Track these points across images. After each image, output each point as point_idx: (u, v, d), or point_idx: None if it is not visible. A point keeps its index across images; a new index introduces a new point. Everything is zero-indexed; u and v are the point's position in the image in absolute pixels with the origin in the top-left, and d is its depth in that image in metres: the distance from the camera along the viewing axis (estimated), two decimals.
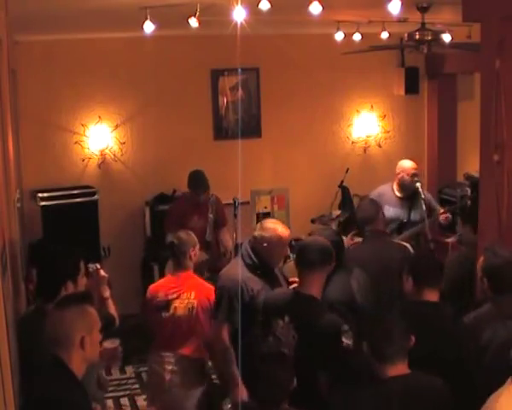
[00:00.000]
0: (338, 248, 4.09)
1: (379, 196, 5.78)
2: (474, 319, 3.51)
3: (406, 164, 6.00)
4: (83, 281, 3.65)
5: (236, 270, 4.06)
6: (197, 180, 6.40)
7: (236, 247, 5.76)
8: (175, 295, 4.59)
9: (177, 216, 6.40)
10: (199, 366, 4.65)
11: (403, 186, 5.91)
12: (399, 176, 5.93)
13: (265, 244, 4.12)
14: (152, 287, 4.83)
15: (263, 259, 4.17)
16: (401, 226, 5.82)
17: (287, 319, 3.64)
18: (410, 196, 5.89)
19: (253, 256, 4.15)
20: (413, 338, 2.98)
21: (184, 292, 4.54)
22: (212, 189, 6.66)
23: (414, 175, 5.88)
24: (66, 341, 2.76)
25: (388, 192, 5.94)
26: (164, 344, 4.63)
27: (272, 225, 4.22)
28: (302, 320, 3.57)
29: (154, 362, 4.73)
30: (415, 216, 5.84)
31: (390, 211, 5.76)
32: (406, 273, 3.61)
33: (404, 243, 4.94)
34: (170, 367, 4.59)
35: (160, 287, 4.74)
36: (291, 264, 4.75)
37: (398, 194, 5.95)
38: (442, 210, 6.10)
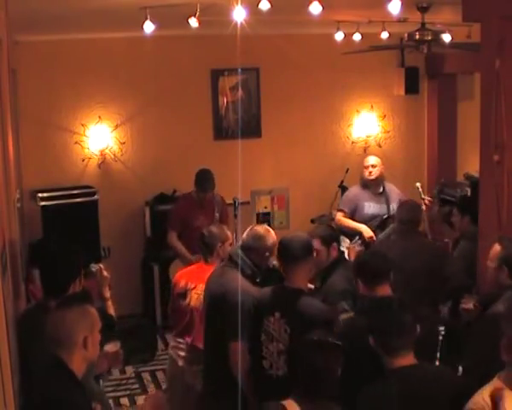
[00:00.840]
0: (333, 240, 4.34)
1: (354, 196, 6.02)
2: (505, 309, 3.46)
3: (365, 159, 6.51)
4: (82, 280, 3.67)
5: (246, 285, 3.96)
6: (205, 179, 6.34)
7: None
8: (193, 285, 4.61)
9: (181, 215, 6.37)
10: None
11: (363, 182, 6.32)
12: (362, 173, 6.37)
13: (267, 253, 4.08)
14: (178, 273, 4.90)
15: (259, 266, 4.12)
16: (384, 222, 5.94)
17: (277, 314, 3.70)
18: (383, 191, 6.27)
19: (253, 267, 4.07)
20: (419, 328, 3.01)
21: (201, 284, 4.50)
22: None
23: (372, 167, 6.30)
24: (67, 341, 2.76)
25: (358, 190, 6.35)
26: (180, 331, 4.71)
27: (265, 232, 4.14)
28: (293, 314, 3.64)
29: (171, 347, 4.85)
30: (381, 211, 6.18)
31: (371, 208, 6.10)
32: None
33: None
34: (183, 354, 4.67)
35: (184, 275, 4.78)
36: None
37: (363, 190, 6.31)
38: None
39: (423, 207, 6.07)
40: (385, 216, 6.03)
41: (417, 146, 8.62)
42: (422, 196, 6.03)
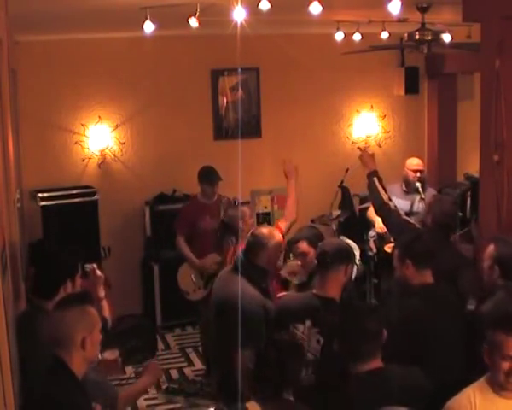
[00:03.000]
0: (320, 241, 4.22)
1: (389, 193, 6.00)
2: (493, 306, 3.49)
3: (410, 161, 6.48)
4: (79, 281, 3.64)
5: (254, 291, 3.88)
6: (209, 173, 6.35)
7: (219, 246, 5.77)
8: None
9: (188, 218, 6.36)
10: None
11: (406, 183, 6.39)
12: (404, 172, 6.41)
13: (273, 255, 4.02)
14: None
15: (266, 270, 4.03)
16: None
17: (308, 323, 3.59)
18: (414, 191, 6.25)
19: (259, 271, 3.98)
20: (385, 333, 3.00)
21: None
22: None
23: (417, 171, 6.32)
24: (67, 341, 2.76)
25: (397, 189, 6.33)
26: None
27: (268, 233, 4.07)
28: (326, 324, 3.52)
29: None
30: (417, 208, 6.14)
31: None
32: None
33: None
34: None
35: None
36: (291, 263, 4.72)
37: (404, 189, 6.40)
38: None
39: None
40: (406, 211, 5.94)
41: (417, 146, 8.61)
42: (422, 197, 6.02)
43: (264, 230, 4.12)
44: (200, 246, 6.17)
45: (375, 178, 4.79)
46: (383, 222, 5.04)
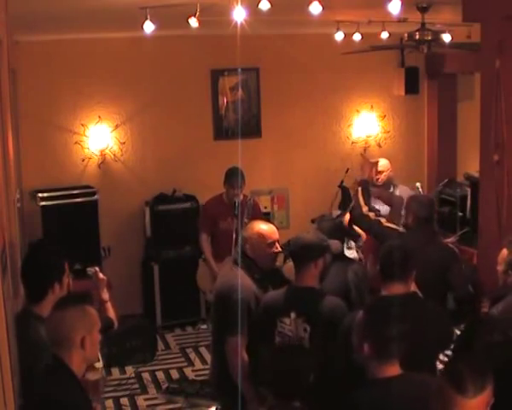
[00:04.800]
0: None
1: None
2: (503, 310, 3.52)
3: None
4: (67, 281, 3.58)
5: (246, 279, 3.94)
6: (232, 174, 6.18)
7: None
8: None
9: (209, 215, 6.35)
10: None
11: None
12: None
13: (247, 245, 4.06)
14: None
15: (261, 263, 4.08)
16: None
17: (293, 315, 3.65)
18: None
19: (253, 263, 4.04)
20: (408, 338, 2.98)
21: None
22: (212, 189, 6.66)
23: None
24: (66, 341, 2.76)
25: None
26: None
27: (252, 225, 4.18)
28: (311, 312, 3.62)
29: None
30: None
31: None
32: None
33: (452, 246, 5.00)
34: None
35: None
36: (290, 264, 4.72)
37: None
38: None
39: None
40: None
41: (417, 146, 8.62)
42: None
43: (257, 222, 4.22)
44: (220, 246, 6.13)
45: (360, 188, 4.85)
46: (365, 232, 5.17)
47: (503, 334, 3.20)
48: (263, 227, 4.12)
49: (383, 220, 5.33)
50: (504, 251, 3.74)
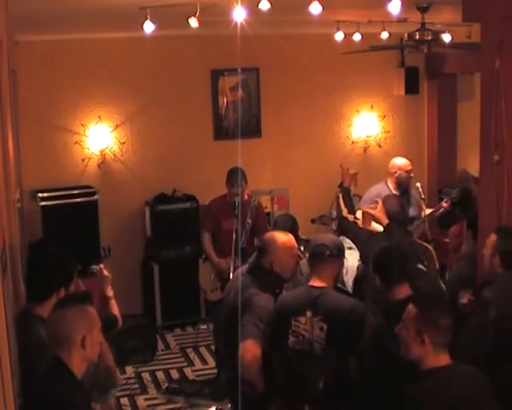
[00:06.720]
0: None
1: (377, 196, 5.79)
2: (494, 293, 3.53)
3: (401, 162, 6.27)
4: (72, 288, 3.59)
5: (268, 297, 3.88)
6: (231, 173, 6.13)
7: (237, 248, 5.70)
8: None
9: (212, 214, 6.33)
10: None
11: (400, 184, 6.12)
12: (396, 174, 6.17)
13: (271, 259, 3.97)
14: None
15: (274, 272, 3.98)
16: None
17: (309, 313, 3.65)
18: (403, 193, 6.05)
19: (271, 275, 3.97)
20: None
21: None
22: (212, 189, 6.66)
23: (409, 172, 6.18)
24: (66, 341, 2.76)
25: (385, 190, 6.02)
26: None
27: (273, 238, 4.05)
28: (329, 310, 3.62)
29: None
30: (412, 212, 5.95)
31: None
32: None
33: (426, 244, 4.98)
34: None
35: None
36: (303, 262, 4.69)
37: (394, 192, 6.06)
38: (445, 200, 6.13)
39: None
40: None
41: (417, 146, 8.62)
42: (423, 197, 5.99)
43: (270, 234, 4.13)
44: (221, 245, 6.13)
45: (341, 194, 5.10)
46: (343, 233, 5.29)
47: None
48: (286, 239, 4.04)
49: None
50: (493, 236, 3.79)
